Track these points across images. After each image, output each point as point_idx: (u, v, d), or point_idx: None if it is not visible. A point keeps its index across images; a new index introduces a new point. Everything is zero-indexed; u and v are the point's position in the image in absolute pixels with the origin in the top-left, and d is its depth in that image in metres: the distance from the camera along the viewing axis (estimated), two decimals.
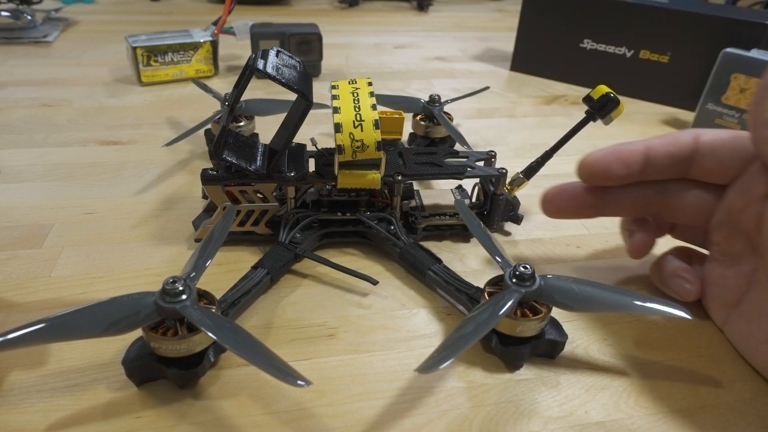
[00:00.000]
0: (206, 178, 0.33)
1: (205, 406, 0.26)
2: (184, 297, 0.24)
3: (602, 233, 0.40)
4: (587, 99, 0.34)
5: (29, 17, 0.77)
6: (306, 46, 0.64)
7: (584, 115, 0.35)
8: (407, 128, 0.49)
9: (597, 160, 0.30)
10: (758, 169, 0.27)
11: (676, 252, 0.33)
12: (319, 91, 0.60)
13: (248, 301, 0.31)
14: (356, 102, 0.32)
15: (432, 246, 0.37)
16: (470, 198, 0.40)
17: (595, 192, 0.31)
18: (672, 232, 0.34)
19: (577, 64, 0.68)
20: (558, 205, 0.32)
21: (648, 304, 0.26)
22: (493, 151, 0.38)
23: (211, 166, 0.36)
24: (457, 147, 0.45)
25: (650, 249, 0.33)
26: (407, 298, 0.33)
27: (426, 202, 0.38)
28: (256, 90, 0.60)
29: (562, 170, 0.48)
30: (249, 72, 0.30)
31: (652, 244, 0.33)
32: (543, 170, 0.37)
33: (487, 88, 0.56)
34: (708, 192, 0.30)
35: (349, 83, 0.34)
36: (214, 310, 0.26)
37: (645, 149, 0.29)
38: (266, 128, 0.48)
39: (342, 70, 0.71)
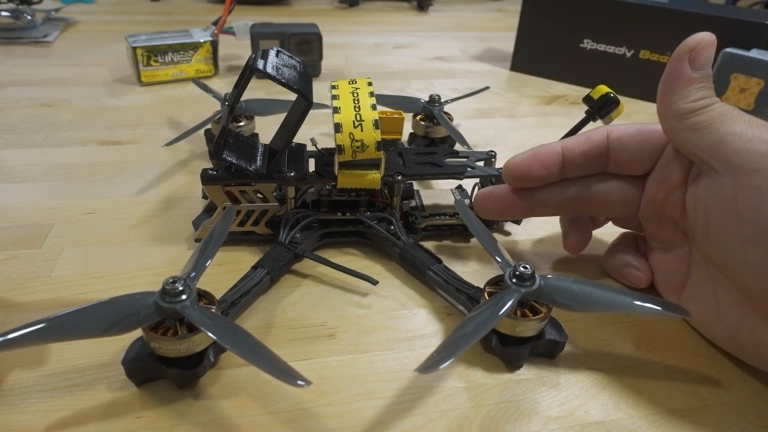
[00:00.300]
0: (206, 178, 0.33)
1: (205, 406, 0.26)
2: (184, 297, 0.24)
3: (602, 233, 0.40)
4: (587, 99, 0.34)
5: (29, 17, 0.77)
6: (306, 46, 0.64)
7: (584, 115, 0.35)
8: (407, 128, 0.49)
9: (517, 163, 0.31)
10: (670, 158, 0.29)
11: (624, 239, 0.35)
12: (319, 91, 0.60)
13: (248, 301, 0.31)
14: (356, 102, 0.32)
15: (432, 246, 0.37)
16: (470, 198, 0.40)
17: (521, 194, 0.32)
18: (614, 221, 0.36)
19: (577, 64, 0.68)
20: (486, 207, 0.33)
21: (648, 304, 0.26)
22: (493, 151, 0.38)
23: (211, 166, 0.36)
24: (457, 147, 0.45)
25: (585, 245, 0.35)
26: (407, 298, 0.33)
27: (426, 202, 0.38)
28: (256, 90, 0.60)
29: None
30: (249, 72, 0.30)
31: (587, 240, 0.35)
32: None
33: (487, 88, 0.56)
34: (629, 184, 0.31)
35: (349, 83, 0.34)
36: (214, 310, 0.26)
37: (561, 150, 0.31)
38: (266, 128, 0.48)
39: (342, 70, 0.71)
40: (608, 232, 0.37)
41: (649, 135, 0.30)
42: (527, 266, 0.27)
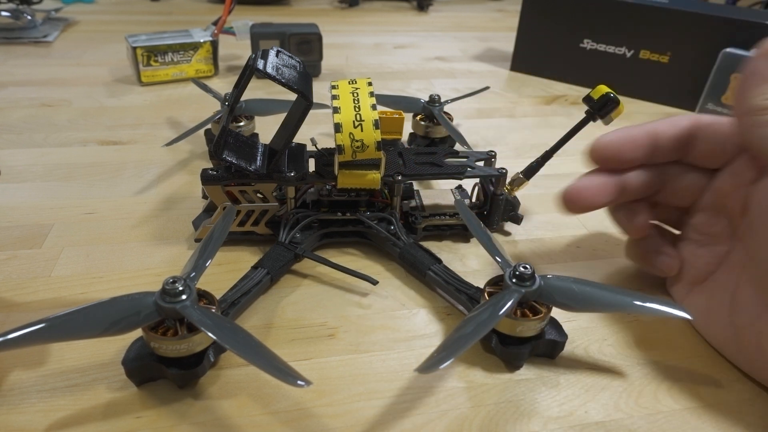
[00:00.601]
0: (206, 178, 0.33)
1: (205, 406, 0.26)
2: (184, 297, 0.24)
3: (602, 233, 0.40)
4: (587, 99, 0.34)
5: (29, 17, 0.77)
6: (306, 46, 0.64)
7: (584, 115, 0.35)
8: (407, 128, 0.49)
9: (610, 142, 0.31)
10: (750, 155, 0.28)
11: (654, 229, 0.34)
12: (319, 91, 0.60)
13: (248, 301, 0.31)
14: (356, 102, 0.32)
15: (432, 246, 0.37)
16: (470, 198, 0.40)
17: (608, 179, 0.31)
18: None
19: (577, 64, 0.68)
20: (586, 199, 0.31)
21: (648, 304, 0.26)
22: (493, 151, 0.38)
23: (211, 166, 0.36)
24: (457, 147, 0.45)
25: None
26: (407, 298, 0.33)
27: (426, 202, 0.38)
28: (256, 90, 0.60)
29: (562, 170, 0.48)
30: (249, 72, 0.30)
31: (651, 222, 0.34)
32: (543, 170, 0.37)
33: (487, 88, 0.56)
34: (700, 175, 0.31)
35: (349, 83, 0.34)
36: (214, 310, 0.26)
37: (653, 132, 0.30)
38: (266, 128, 0.48)
39: (342, 70, 0.71)
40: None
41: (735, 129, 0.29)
42: (527, 266, 0.27)
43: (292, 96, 0.32)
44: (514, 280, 0.27)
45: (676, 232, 0.34)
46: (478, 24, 0.99)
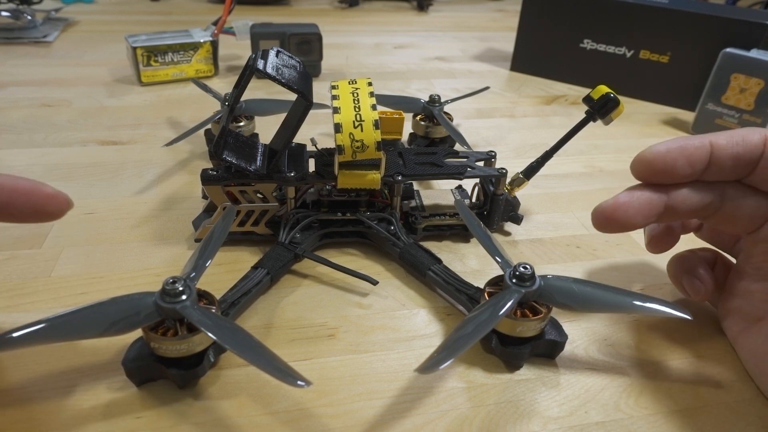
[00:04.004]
0: (206, 178, 0.33)
1: (205, 406, 0.26)
2: (184, 297, 0.24)
3: (602, 233, 0.40)
4: (587, 99, 0.34)
5: (29, 17, 0.77)
6: (306, 46, 0.64)
7: (584, 115, 0.35)
8: (407, 128, 0.49)
9: (660, 155, 0.26)
10: None
11: (703, 251, 0.32)
12: (319, 91, 0.60)
13: (248, 301, 0.31)
14: (356, 102, 0.32)
15: (432, 246, 0.37)
16: (470, 198, 0.40)
17: (654, 195, 0.27)
18: (697, 231, 0.33)
19: (577, 64, 0.67)
20: (626, 218, 0.27)
21: (648, 305, 0.26)
22: (493, 151, 0.38)
23: (211, 166, 0.36)
24: (457, 147, 0.45)
25: (670, 248, 0.32)
26: (407, 298, 0.33)
27: (426, 202, 0.38)
28: (256, 90, 0.60)
29: (562, 170, 0.48)
30: (249, 72, 0.30)
31: (674, 243, 0.32)
32: (543, 170, 0.37)
33: (487, 88, 0.56)
34: (764, 199, 0.27)
35: (349, 83, 0.34)
36: (214, 311, 0.26)
37: (710, 147, 0.26)
38: (266, 128, 0.48)
39: (342, 70, 0.71)
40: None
41: None
42: (527, 266, 0.27)
43: (292, 96, 0.32)
44: (514, 281, 0.27)
45: (732, 260, 0.31)
46: (478, 24, 0.99)
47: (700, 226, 0.33)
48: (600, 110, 0.34)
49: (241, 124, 0.45)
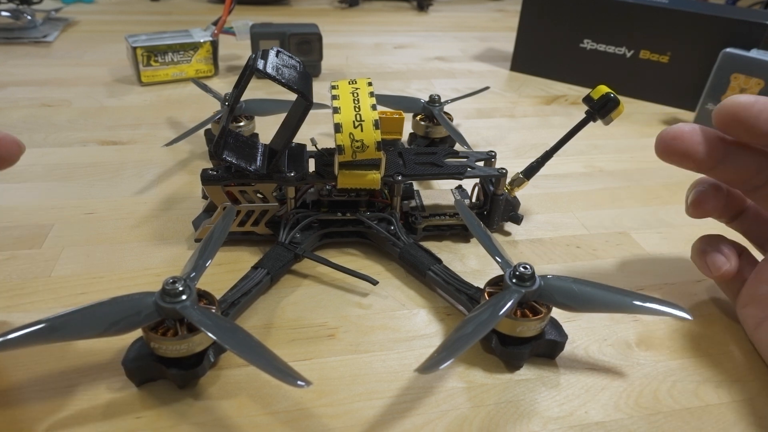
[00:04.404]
0: (206, 178, 0.33)
1: (205, 406, 0.26)
2: (184, 297, 0.24)
3: (602, 233, 0.40)
4: (587, 99, 0.34)
5: (29, 17, 0.77)
6: (306, 46, 0.64)
7: (584, 115, 0.35)
8: (407, 128, 0.49)
9: (744, 107, 0.25)
10: None
11: (730, 240, 0.32)
12: (319, 91, 0.60)
13: (248, 302, 0.31)
14: (356, 102, 0.32)
15: (432, 246, 0.37)
16: (470, 198, 0.40)
17: (717, 141, 0.27)
18: (732, 222, 0.33)
19: (577, 64, 0.67)
20: (682, 146, 0.27)
21: (648, 305, 0.26)
22: (493, 152, 0.38)
23: (211, 166, 0.36)
24: (457, 147, 0.45)
25: (713, 213, 0.31)
26: (407, 298, 0.33)
27: (426, 202, 0.38)
28: (256, 90, 0.60)
29: (562, 170, 0.48)
30: (249, 72, 0.30)
31: (718, 208, 0.31)
32: (543, 170, 0.37)
33: (487, 88, 0.56)
34: None
35: (349, 83, 0.34)
36: (214, 311, 0.26)
37: None
38: (266, 128, 0.48)
39: (342, 70, 0.71)
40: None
41: None
42: (527, 266, 0.27)
43: (292, 96, 0.32)
44: (514, 281, 0.27)
45: (759, 257, 0.31)
46: (478, 24, 0.99)
47: (740, 213, 0.32)
48: (600, 110, 0.34)
49: (241, 124, 0.45)
